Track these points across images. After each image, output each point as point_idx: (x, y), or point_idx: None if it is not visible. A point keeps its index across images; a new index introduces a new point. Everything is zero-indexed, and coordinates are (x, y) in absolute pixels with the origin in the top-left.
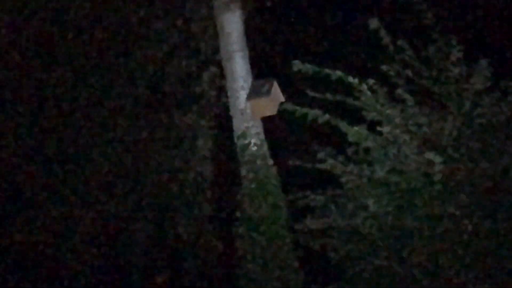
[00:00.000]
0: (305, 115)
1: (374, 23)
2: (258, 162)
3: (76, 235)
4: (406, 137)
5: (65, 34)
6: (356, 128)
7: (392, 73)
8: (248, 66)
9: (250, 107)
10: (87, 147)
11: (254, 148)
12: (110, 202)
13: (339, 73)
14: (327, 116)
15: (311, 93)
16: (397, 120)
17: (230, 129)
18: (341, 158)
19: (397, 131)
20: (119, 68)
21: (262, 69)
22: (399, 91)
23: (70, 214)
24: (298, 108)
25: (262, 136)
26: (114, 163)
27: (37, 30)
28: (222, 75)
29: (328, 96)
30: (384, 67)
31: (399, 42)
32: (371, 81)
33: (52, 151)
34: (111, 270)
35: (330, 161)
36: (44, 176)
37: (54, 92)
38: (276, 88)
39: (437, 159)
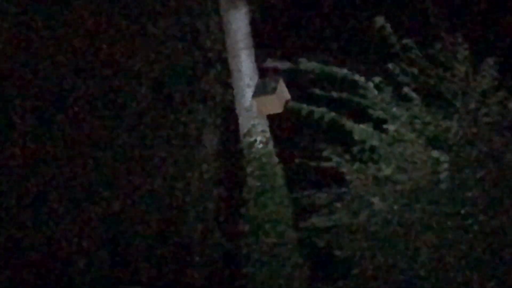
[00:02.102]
0: (310, 113)
1: (380, 21)
2: (264, 159)
3: (81, 233)
4: (412, 135)
5: (70, 31)
6: (362, 126)
7: (398, 71)
8: (254, 64)
9: (256, 105)
10: (92, 145)
11: (260, 146)
12: (115, 200)
13: (345, 71)
14: (332, 114)
15: (317, 91)
16: (403, 119)
17: (236, 127)
18: (346, 156)
19: (403, 129)
20: (124, 66)
21: (267, 67)
22: (405, 89)
23: (75, 212)
24: (304, 106)
25: (268, 134)
26: (120, 161)
27: (41, 28)
28: (228, 73)
29: (334, 94)
30: (390, 65)
31: (405, 40)
32: (377, 79)
33: (57, 149)
34: (116, 268)
35: (336, 159)
36: (48, 174)
37: (59, 90)
38: (282, 86)
39: (443, 157)
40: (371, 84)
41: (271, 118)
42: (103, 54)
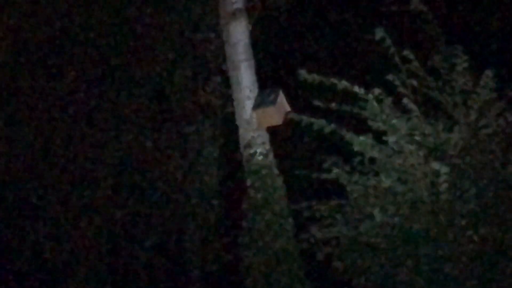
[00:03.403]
0: (310, 125)
1: (380, 32)
2: (264, 171)
3: (80, 243)
4: (412, 147)
5: (70, 42)
6: (361, 138)
7: (398, 83)
8: (254, 76)
9: (256, 116)
10: (92, 156)
11: (260, 158)
12: (115, 211)
13: (345, 82)
14: (332, 125)
15: (317, 103)
16: (403, 130)
17: (236, 139)
18: (346, 167)
19: (403, 141)
20: (125, 77)
21: (268, 79)
22: (405, 101)
23: (76, 222)
24: (304, 117)
25: (268, 145)
26: (120, 172)
27: (42, 36)
28: (228, 85)
29: (334, 105)
30: (390, 77)
31: (405, 52)
32: (377, 91)
33: (58, 159)
34: (115, 279)
35: (336, 170)
36: (49, 182)
37: (59, 100)
38: (282, 98)
39: (443, 169)
40: (370, 96)
41: (271, 129)
42: (104, 65)
